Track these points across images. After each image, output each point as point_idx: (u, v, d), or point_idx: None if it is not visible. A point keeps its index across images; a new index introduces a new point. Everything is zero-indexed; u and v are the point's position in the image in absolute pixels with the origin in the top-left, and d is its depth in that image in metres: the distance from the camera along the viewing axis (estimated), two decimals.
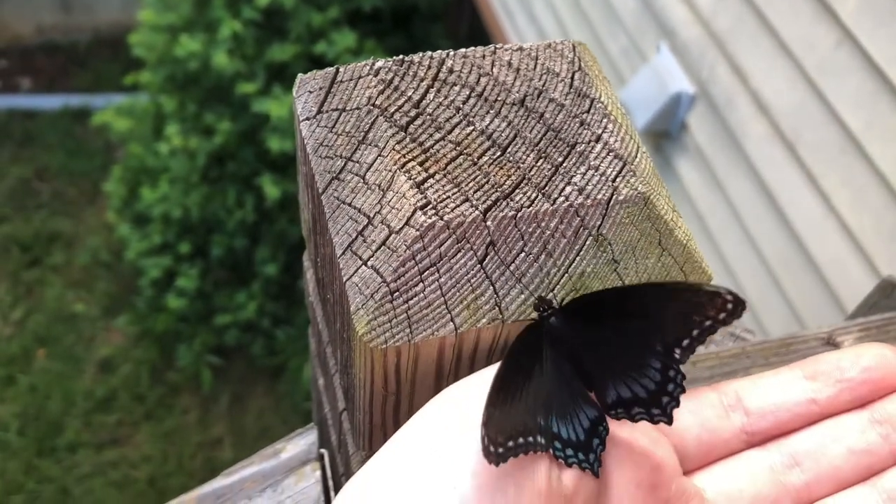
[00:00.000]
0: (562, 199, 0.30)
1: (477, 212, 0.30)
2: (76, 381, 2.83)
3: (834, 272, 1.68)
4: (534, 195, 0.30)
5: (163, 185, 2.73)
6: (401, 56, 0.33)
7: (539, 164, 0.31)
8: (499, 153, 0.31)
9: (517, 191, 0.30)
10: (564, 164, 0.31)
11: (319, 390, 0.46)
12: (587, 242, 0.30)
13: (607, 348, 0.30)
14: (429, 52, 0.33)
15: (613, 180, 0.31)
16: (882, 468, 0.32)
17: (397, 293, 0.29)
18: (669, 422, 0.30)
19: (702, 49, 2.00)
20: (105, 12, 3.55)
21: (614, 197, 0.31)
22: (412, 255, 0.29)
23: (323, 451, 0.48)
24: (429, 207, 0.29)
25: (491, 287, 0.30)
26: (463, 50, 0.34)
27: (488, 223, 0.30)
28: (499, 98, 0.33)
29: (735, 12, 1.88)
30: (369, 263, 0.30)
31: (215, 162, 2.74)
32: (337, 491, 0.45)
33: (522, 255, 0.30)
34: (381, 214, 0.30)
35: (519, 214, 0.30)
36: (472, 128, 0.32)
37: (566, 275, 0.30)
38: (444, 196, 0.30)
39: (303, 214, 0.38)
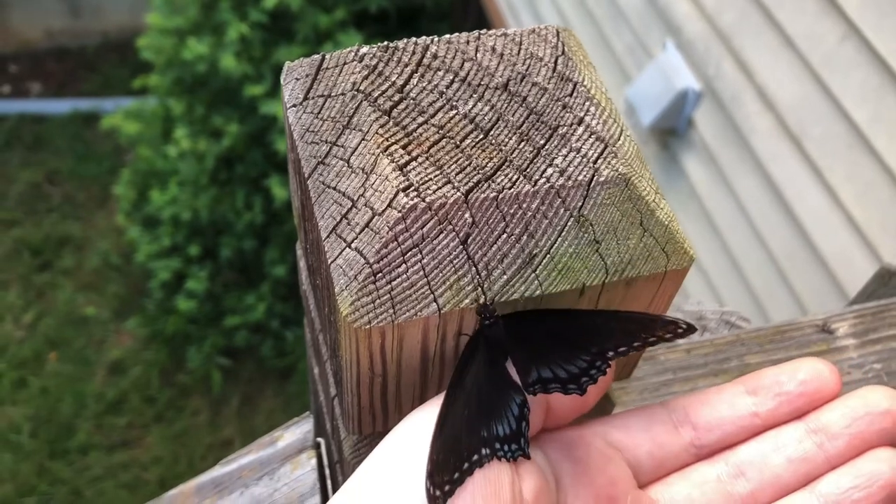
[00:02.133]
0: (543, 180, 0.31)
1: (459, 193, 0.30)
2: (87, 384, 2.85)
3: (840, 266, 1.68)
4: (515, 177, 0.31)
5: (172, 187, 2.74)
6: (385, 42, 0.34)
7: (521, 146, 0.31)
8: (481, 136, 0.31)
9: (499, 173, 0.31)
10: (546, 147, 0.31)
11: (315, 379, 0.47)
12: (569, 223, 0.31)
13: (540, 345, 0.32)
14: (413, 39, 0.34)
15: (595, 162, 0.31)
16: (818, 474, 0.35)
17: (380, 274, 0.29)
18: (582, 393, 0.31)
19: (707, 45, 2.00)
20: (113, 16, 3.58)
21: (595, 178, 0.31)
22: (394, 236, 0.29)
23: (319, 439, 0.48)
24: (411, 189, 0.30)
25: (473, 268, 0.30)
26: (447, 36, 0.34)
27: (470, 205, 0.30)
28: (482, 82, 0.33)
29: (740, 7, 1.88)
30: (353, 245, 0.30)
31: (224, 164, 2.76)
32: (333, 478, 0.46)
33: (504, 235, 0.30)
34: (364, 197, 0.30)
35: (500, 196, 0.30)
36: (455, 112, 0.32)
37: (548, 255, 0.31)
38: (427, 178, 0.30)
39: (293, 202, 0.39)
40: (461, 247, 0.30)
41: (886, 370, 0.50)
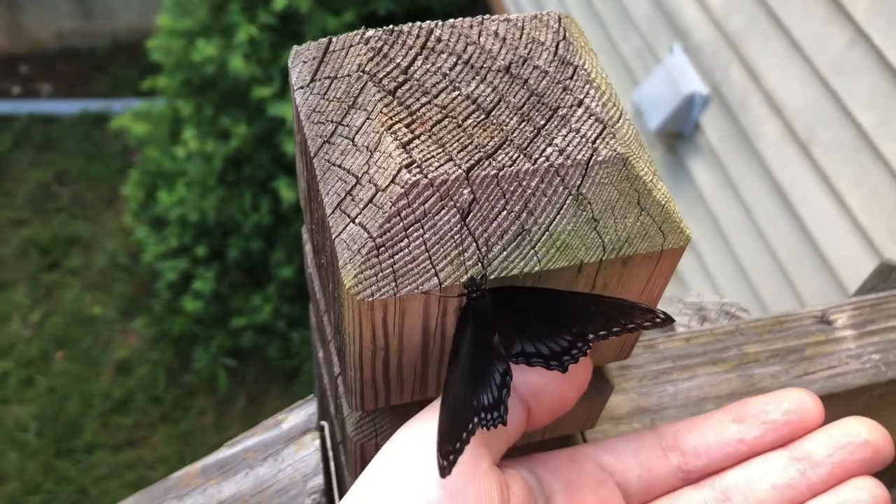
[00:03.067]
0: (542, 159, 0.31)
1: (460, 170, 0.31)
2: (93, 383, 2.86)
3: (846, 270, 1.68)
4: (516, 155, 0.31)
5: (179, 188, 2.76)
6: (391, 26, 0.34)
7: (522, 126, 0.32)
8: (483, 116, 0.32)
9: (499, 151, 0.31)
10: (546, 127, 0.32)
11: (319, 363, 0.47)
12: (567, 201, 0.31)
13: (525, 321, 0.33)
14: (418, 23, 0.34)
15: (593, 142, 0.32)
16: (801, 501, 0.36)
17: (383, 248, 0.30)
18: (563, 370, 0.32)
19: (715, 50, 2.00)
20: (123, 18, 3.60)
21: (594, 157, 0.31)
22: (397, 211, 0.30)
23: (323, 423, 0.49)
24: (413, 166, 0.30)
25: (474, 243, 0.31)
26: (451, 20, 0.35)
27: (471, 181, 0.31)
28: (484, 65, 0.34)
29: (748, 12, 1.89)
30: (357, 220, 0.31)
31: (231, 165, 2.77)
32: (336, 459, 0.46)
33: (504, 212, 0.31)
34: (368, 174, 0.31)
35: (501, 173, 0.31)
36: (457, 92, 0.33)
37: (547, 232, 0.31)
38: (429, 155, 0.31)
39: (300, 184, 0.40)
40: (462, 222, 0.31)
41: (885, 361, 0.51)
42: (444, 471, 0.29)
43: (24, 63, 3.59)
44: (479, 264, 0.31)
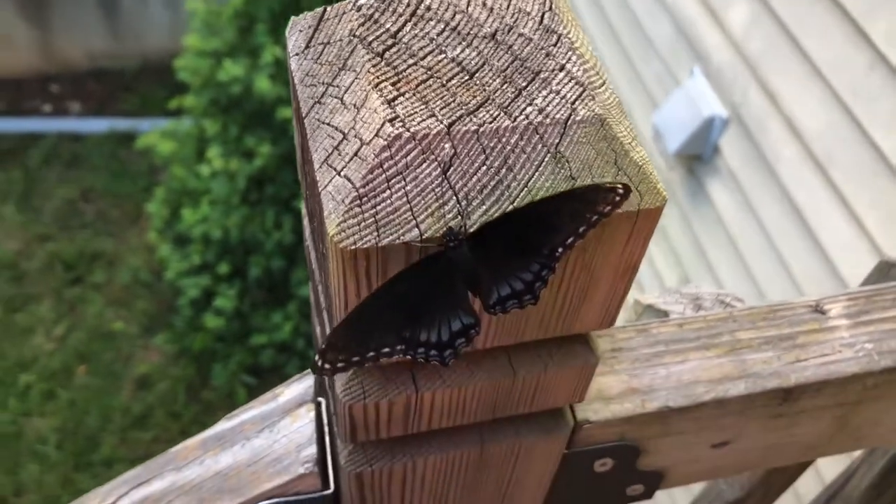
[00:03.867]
0: (522, 117, 0.32)
1: (442, 125, 0.32)
2: (114, 398, 2.88)
3: None
4: (496, 113, 0.32)
5: (203, 206, 2.79)
6: None
7: (504, 87, 0.33)
8: (467, 77, 0.33)
9: (481, 109, 0.32)
10: (528, 89, 0.33)
11: (317, 336, 0.48)
12: (546, 159, 0.32)
13: (499, 261, 0.34)
14: None
15: (573, 103, 0.33)
16: None
17: (365, 198, 0.31)
18: (536, 302, 0.34)
19: (734, 73, 2.01)
20: (153, 39, 3.68)
21: (572, 117, 0.33)
22: (380, 163, 0.31)
23: (320, 399, 0.50)
24: (397, 121, 0.32)
25: (454, 197, 0.32)
26: None
27: (452, 136, 0.32)
28: (471, 32, 0.35)
29: (767, 36, 1.90)
30: (342, 173, 0.32)
31: (255, 184, 2.80)
32: (330, 430, 0.47)
33: (484, 168, 0.32)
34: (354, 129, 0.32)
35: (481, 129, 0.32)
36: (443, 55, 0.34)
37: (525, 188, 0.32)
38: (413, 111, 0.32)
39: (297, 155, 0.41)
40: (443, 176, 0.32)
41: (878, 350, 0.51)
42: (321, 371, 0.33)
43: (55, 82, 3.68)
44: (459, 217, 0.32)
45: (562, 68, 0.34)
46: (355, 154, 0.32)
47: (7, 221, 3.23)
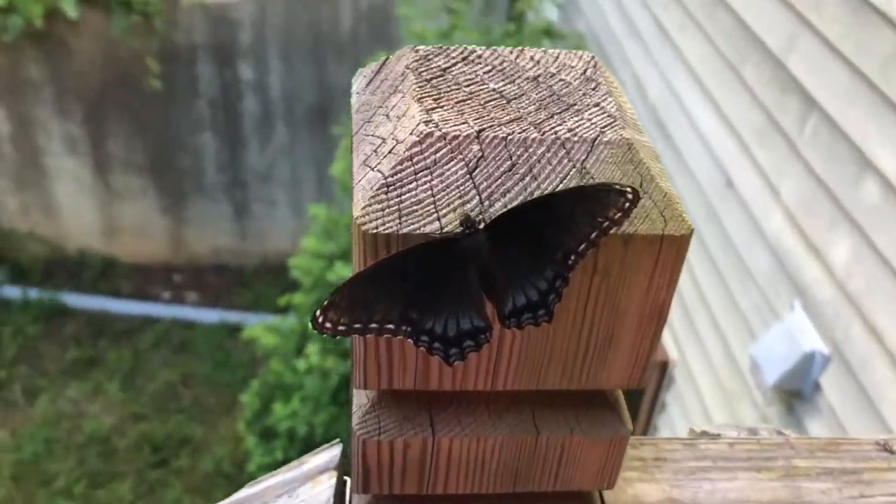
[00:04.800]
0: (551, 132, 0.34)
1: (472, 130, 0.34)
2: None
3: None
4: (526, 127, 0.34)
5: (294, 401, 2.83)
6: (441, 44, 0.39)
7: (538, 112, 0.35)
8: (504, 102, 0.36)
9: (512, 123, 0.34)
10: (561, 115, 0.35)
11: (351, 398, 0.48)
12: (571, 173, 0.34)
13: (514, 260, 0.34)
14: (465, 45, 0.39)
15: (602, 128, 0.34)
16: None
17: (392, 187, 0.33)
18: (550, 318, 0.34)
19: (836, 309, 1.97)
20: (275, 241, 3.93)
21: (599, 138, 0.34)
22: (410, 156, 0.33)
23: (346, 478, 0.49)
24: (431, 123, 0.34)
25: (477, 196, 0.33)
26: (495, 48, 0.39)
27: (481, 140, 0.34)
28: (515, 73, 0.38)
29: (870, 273, 1.87)
30: (375, 168, 0.34)
31: (347, 384, 2.84)
32: (351, 499, 0.46)
33: (509, 173, 0.33)
34: (393, 134, 0.35)
35: (509, 137, 0.34)
36: (485, 86, 0.37)
37: None
38: (447, 119, 0.34)
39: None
40: (468, 176, 0.33)
41: None
42: (322, 328, 0.33)
43: (178, 272, 3.93)
44: (480, 216, 0.33)
45: (597, 105, 0.36)
46: (390, 152, 0.34)
47: (109, 397, 3.34)
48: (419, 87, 0.36)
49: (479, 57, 0.39)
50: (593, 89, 0.37)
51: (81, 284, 3.79)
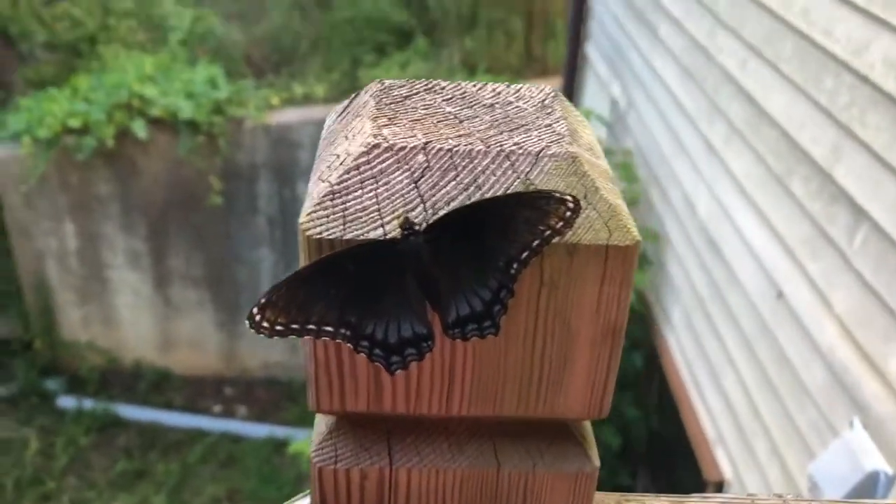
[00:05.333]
0: (496, 145, 0.35)
1: (419, 141, 0.35)
2: None
3: None
4: (473, 141, 0.35)
5: None
6: (408, 78, 0.41)
7: (489, 130, 0.36)
8: (457, 122, 0.37)
9: (461, 138, 0.35)
10: (511, 133, 0.36)
11: None
12: (515, 183, 0.34)
13: (456, 267, 0.34)
14: (429, 79, 0.41)
15: (549, 144, 0.35)
16: None
17: (338, 195, 0.34)
18: (496, 331, 0.33)
19: None
20: None
21: (544, 151, 0.34)
22: (357, 166, 0.34)
23: None
24: (379, 136, 0.35)
25: (422, 204, 0.34)
26: (459, 81, 0.41)
27: (427, 150, 0.34)
28: (474, 101, 0.39)
29: None
30: (325, 179, 0.35)
31: None
32: None
33: (454, 183, 0.34)
34: (346, 150, 0.36)
35: (455, 149, 0.34)
36: (441, 109, 0.38)
37: None
38: (398, 132, 0.35)
39: None
40: (413, 184, 0.34)
41: None
42: (259, 327, 0.32)
43: (229, 386, 3.96)
44: (424, 223, 0.33)
45: (548, 126, 0.37)
46: (340, 164, 0.35)
47: None
48: (377, 109, 0.37)
49: (442, 88, 0.40)
50: (548, 114, 0.38)
51: (135, 396, 3.84)
